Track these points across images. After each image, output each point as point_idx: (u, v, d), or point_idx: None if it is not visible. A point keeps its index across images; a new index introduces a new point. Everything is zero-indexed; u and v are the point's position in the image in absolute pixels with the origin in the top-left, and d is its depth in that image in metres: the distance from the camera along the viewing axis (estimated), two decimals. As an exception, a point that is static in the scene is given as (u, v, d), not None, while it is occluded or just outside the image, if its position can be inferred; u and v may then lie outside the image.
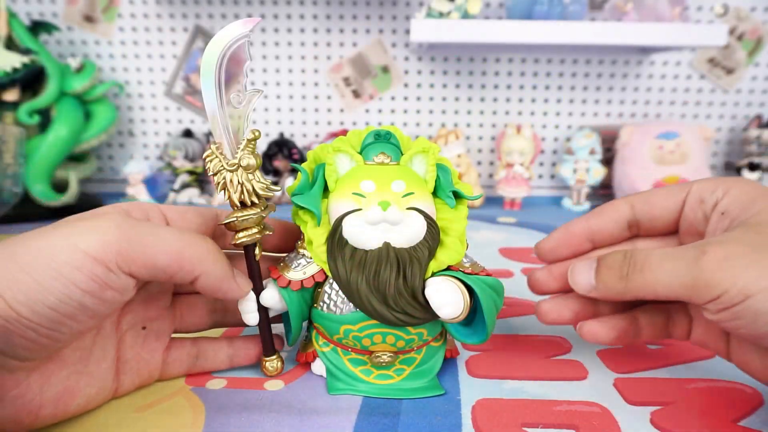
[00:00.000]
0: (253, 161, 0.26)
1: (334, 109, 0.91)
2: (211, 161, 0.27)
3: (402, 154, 0.30)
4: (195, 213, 0.29)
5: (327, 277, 0.28)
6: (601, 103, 0.91)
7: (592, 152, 0.80)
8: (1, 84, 0.70)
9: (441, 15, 0.71)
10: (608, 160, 0.82)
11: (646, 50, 0.86)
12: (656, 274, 0.24)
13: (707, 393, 0.29)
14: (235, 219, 0.27)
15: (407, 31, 0.86)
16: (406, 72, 0.89)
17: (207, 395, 0.28)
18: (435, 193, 0.30)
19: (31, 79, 0.73)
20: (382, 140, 0.30)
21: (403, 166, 0.30)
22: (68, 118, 0.74)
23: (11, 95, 0.72)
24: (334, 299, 0.28)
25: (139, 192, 0.81)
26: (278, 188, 0.28)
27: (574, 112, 0.91)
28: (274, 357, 0.30)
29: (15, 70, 0.71)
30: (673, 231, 0.30)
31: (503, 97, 0.90)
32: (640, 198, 0.30)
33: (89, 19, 0.86)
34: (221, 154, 0.27)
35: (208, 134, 0.89)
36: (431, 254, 0.27)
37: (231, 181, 0.26)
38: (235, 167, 0.26)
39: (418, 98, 0.90)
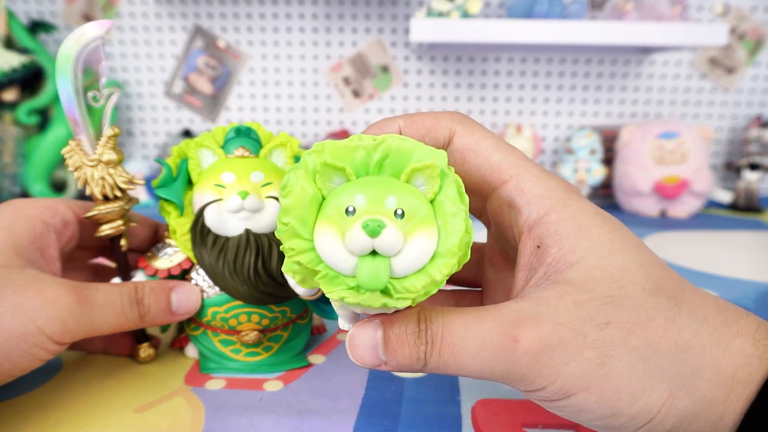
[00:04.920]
0: (114, 156, 0.27)
1: (334, 109, 0.91)
2: (71, 157, 0.27)
3: (262, 148, 0.32)
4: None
5: (193, 264, 0.30)
6: (601, 103, 0.91)
7: (592, 152, 0.80)
8: (-1, 84, 0.70)
9: (441, 15, 0.71)
10: (608, 160, 0.82)
11: (646, 50, 0.86)
12: (460, 359, 0.19)
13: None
14: (97, 212, 0.28)
15: (407, 31, 0.86)
16: (406, 72, 0.89)
17: (206, 395, 0.28)
18: None
19: (30, 79, 0.73)
20: (243, 135, 0.32)
21: (262, 159, 0.32)
22: (67, 117, 0.74)
23: (10, 95, 0.72)
24: (201, 284, 0.30)
25: (138, 192, 0.81)
26: (142, 181, 0.29)
27: (574, 112, 0.91)
28: (146, 344, 0.31)
29: (14, 69, 0.71)
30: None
31: (503, 97, 0.90)
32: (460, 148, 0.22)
33: (88, 18, 0.86)
34: (81, 150, 0.27)
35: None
36: None
37: (92, 176, 0.27)
38: (95, 163, 0.27)
39: (418, 98, 0.90)
